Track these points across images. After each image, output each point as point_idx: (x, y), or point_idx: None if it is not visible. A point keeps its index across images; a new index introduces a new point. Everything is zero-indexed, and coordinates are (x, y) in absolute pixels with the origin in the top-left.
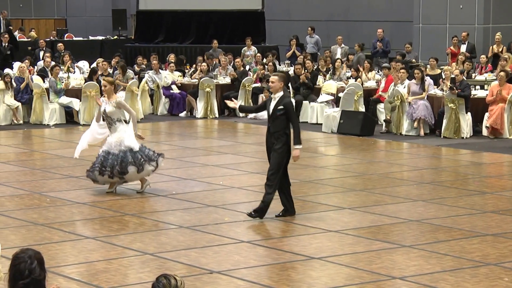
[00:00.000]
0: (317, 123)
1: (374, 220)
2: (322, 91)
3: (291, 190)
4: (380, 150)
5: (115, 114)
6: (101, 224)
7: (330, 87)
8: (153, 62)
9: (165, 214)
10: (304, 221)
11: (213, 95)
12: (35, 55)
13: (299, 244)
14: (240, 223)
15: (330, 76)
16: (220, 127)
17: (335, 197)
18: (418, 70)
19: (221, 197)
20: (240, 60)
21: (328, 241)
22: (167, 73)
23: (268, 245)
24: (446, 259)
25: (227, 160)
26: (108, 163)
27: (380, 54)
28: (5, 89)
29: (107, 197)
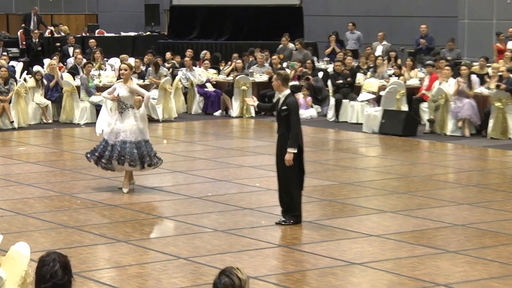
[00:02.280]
0: (358, 123)
1: (417, 224)
2: (363, 89)
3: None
4: (424, 151)
5: (128, 100)
6: (133, 227)
7: (371, 85)
8: (186, 59)
9: (199, 217)
10: (344, 224)
11: (249, 94)
12: (63, 51)
13: (339, 248)
14: (277, 226)
15: (371, 74)
16: (256, 126)
17: (376, 200)
18: (465, 67)
19: (257, 200)
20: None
21: (369, 246)
22: (201, 71)
23: (306, 249)
24: (493, 266)
25: (264, 161)
26: (127, 151)
27: (423, 51)
28: (36, 87)
29: (139, 199)
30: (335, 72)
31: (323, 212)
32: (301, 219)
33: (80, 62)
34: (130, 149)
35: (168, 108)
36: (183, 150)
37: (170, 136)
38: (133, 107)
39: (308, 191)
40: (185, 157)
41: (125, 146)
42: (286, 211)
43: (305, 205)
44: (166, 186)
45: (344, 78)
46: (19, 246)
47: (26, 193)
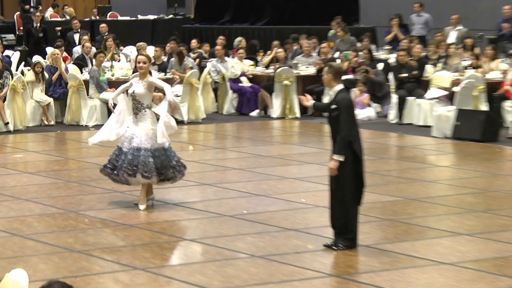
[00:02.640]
0: (426, 125)
1: (499, 250)
2: (432, 85)
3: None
4: (507, 160)
5: (146, 98)
6: (152, 251)
7: (442, 79)
8: (218, 47)
9: (232, 240)
10: (410, 250)
11: (292, 89)
12: (68, 39)
13: (403, 279)
14: (327, 251)
15: (442, 66)
16: (301, 129)
17: (449, 220)
18: None
19: (303, 219)
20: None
21: (440, 276)
22: (235, 62)
23: (363, 280)
24: None
25: (311, 171)
26: (140, 160)
27: (507, 37)
28: (35, 81)
29: (160, 218)
30: (398, 64)
31: (384, 235)
32: (357, 243)
33: (88, 51)
34: (145, 158)
35: (195, 107)
36: (213, 158)
37: (197, 142)
38: (150, 107)
39: (366, 209)
40: (215, 166)
41: (139, 154)
42: (338, 232)
43: (362, 225)
44: (192, 202)
45: (409, 71)
46: (15, 274)
47: (24, 210)
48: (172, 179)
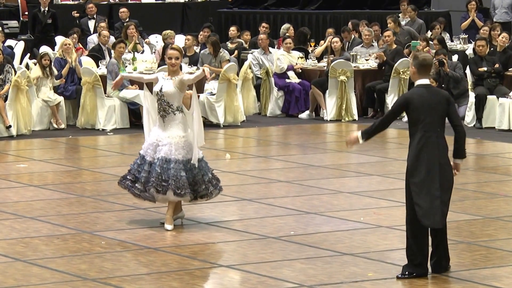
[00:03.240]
0: (510, 130)
1: None
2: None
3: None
4: None
5: (176, 99)
6: (181, 280)
7: None
8: (261, 36)
9: (278, 266)
10: (490, 278)
11: (350, 87)
12: (81, 26)
13: None
14: (391, 281)
15: None
16: None
17: None
18: None
19: (362, 241)
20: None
21: None
22: (281, 54)
23: None
24: None
25: (372, 185)
26: (171, 173)
27: None
28: (43, 77)
29: (191, 240)
30: (476, 56)
31: (460, 260)
32: (427, 270)
33: (106, 41)
34: (176, 172)
35: (233, 107)
36: (254, 169)
37: (235, 149)
38: (181, 110)
39: None
40: (257, 178)
41: (169, 167)
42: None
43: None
44: (229, 221)
45: (491, 64)
46: None
47: (29, 230)
48: (207, 196)
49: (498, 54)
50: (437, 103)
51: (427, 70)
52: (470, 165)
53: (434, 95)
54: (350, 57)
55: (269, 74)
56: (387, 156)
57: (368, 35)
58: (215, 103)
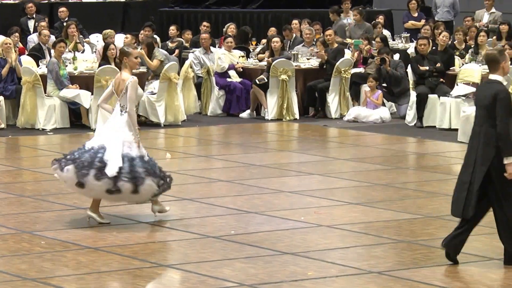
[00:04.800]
0: (451, 129)
1: None
2: (459, 80)
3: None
4: None
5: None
6: (121, 279)
7: (471, 73)
8: (202, 35)
9: (218, 265)
10: (431, 277)
11: (291, 86)
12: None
13: None
14: (330, 279)
15: (471, 57)
16: (301, 134)
17: (478, 242)
18: None
19: (302, 241)
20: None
21: None
22: (222, 53)
23: None
24: None
25: (313, 184)
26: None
27: None
28: None
29: (132, 239)
30: (418, 55)
31: (399, 259)
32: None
33: (46, 40)
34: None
35: (174, 107)
36: (195, 168)
37: (176, 148)
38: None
39: (378, 229)
40: (197, 178)
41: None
42: None
43: (373, 248)
44: (170, 221)
45: (432, 63)
46: None
47: None
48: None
49: (439, 53)
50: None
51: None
52: (411, 164)
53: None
54: (291, 56)
55: (210, 73)
56: (328, 156)
57: (309, 34)
58: (156, 103)
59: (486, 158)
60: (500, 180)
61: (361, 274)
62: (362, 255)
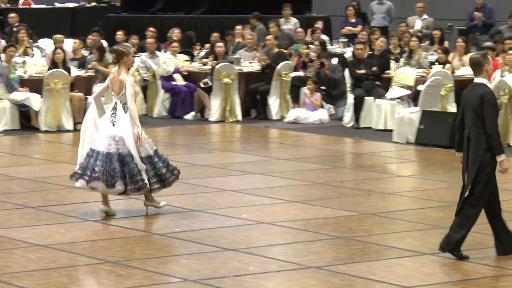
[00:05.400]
0: (386, 130)
1: (468, 272)
2: (394, 83)
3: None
4: None
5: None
6: (69, 276)
7: (405, 76)
8: (148, 40)
9: (163, 262)
10: (366, 272)
11: (234, 89)
12: None
13: None
14: (271, 274)
15: (405, 61)
16: (244, 135)
17: (411, 238)
18: None
19: (244, 237)
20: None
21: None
22: (167, 57)
23: None
24: None
25: (255, 183)
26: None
27: (479, 28)
28: None
29: (80, 237)
30: (355, 59)
31: (337, 255)
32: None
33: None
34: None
35: None
36: None
37: None
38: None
39: (317, 226)
40: None
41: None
42: None
43: (311, 244)
44: (117, 219)
45: (368, 67)
46: None
47: None
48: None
49: (376, 58)
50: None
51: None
52: (348, 163)
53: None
54: (233, 60)
55: (155, 77)
56: (269, 156)
57: (251, 39)
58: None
59: (476, 158)
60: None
61: (300, 269)
62: (302, 251)
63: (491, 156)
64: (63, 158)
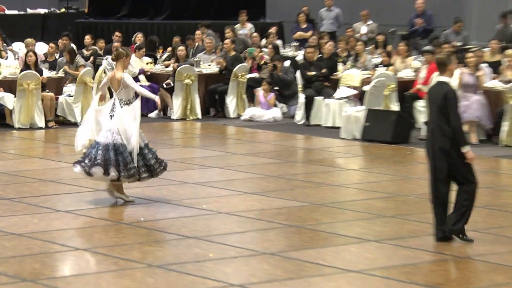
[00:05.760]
0: (334, 127)
1: (409, 257)
2: (341, 84)
3: None
4: (419, 162)
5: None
6: (42, 262)
7: (352, 78)
8: (115, 44)
9: (129, 249)
10: (316, 257)
11: (194, 89)
12: None
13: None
14: (229, 260)
15: (351, 64)
16: (203, 131)
17: (357, 226)
18: (472, 54)
19: (205, 226)
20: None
21: (347, 285)
22: (133, 60)
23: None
24: None
25: (214, 176)
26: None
27: (419, 33)
28: None
29: (51, 226)
30: (306, 61)
31: (289, 242)
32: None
33: None
34: None
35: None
36: None
37: None
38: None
39: (271, 215)
40: None
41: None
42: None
43: (266, 232)
44: (85, 209)
45: (318, 69)
46: None
47: None
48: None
49: (325, 60)
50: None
51: (446, 68)
52: (299, 158)
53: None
54: (194, 63)
55: None
56: (227, 151)
57: (210, 43)
58: (73, 104)
59: (444, 148)
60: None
61: (256, 255)
62: (257, 238)
63: (454, 147)
64: (36, 153)
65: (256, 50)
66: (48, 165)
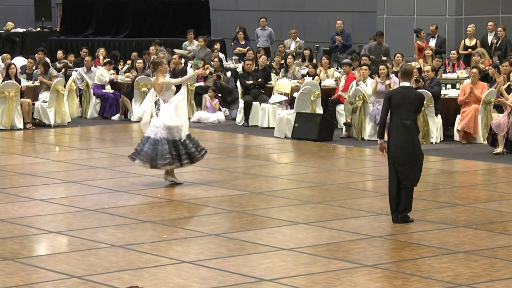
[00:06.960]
0: (269, 127)
1: (332, 237)
2: (275, 91)
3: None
4: (340, 157)
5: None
6: (20, 243)
7: (283, 86)
8: (86, 58)
9: (94, 232)
10: (254, 238)
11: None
12: None
13: (248, 264)
14: (180, 240)
15: (283, 74)
16: None
17: (288, 211)
18: (383, 66)
19: (159, 212)
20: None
21: (280, 261)
22: (103, 71)
23: (212, 265)
24: (413, 280)
25: None
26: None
27: (339, 49)
28: None
29: (28, 212)
30: (245, 72)
31: (231, 225)
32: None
33: None
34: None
35: (61, 112)
36: (78, 158)
37: (63, 143)
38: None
39: (215, 202)
40: (79, 165)
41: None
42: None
43: (211, 217)
44: (58, 198)
45: (255, 79)
46: None
47: None
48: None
49: (260, 71)
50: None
51: (409, 77)
52: (239, 153)
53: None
54: (149, 74)
55: (89, 86)
56: None
57: (163, 57)
58: (47, 109)
59: (414, 140)
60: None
61: (203, 236)
62: (204, 221)
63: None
64: (15, 151)
65: (201, 62)
66: (26, 161)
